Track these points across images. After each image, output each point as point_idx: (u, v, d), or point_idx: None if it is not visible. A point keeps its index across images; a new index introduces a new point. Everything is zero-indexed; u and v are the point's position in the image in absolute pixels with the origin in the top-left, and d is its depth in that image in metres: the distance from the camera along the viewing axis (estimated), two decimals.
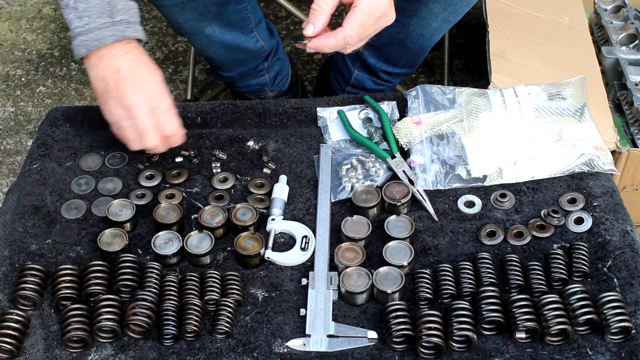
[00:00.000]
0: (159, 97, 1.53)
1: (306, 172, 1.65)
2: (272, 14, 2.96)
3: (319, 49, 1.46)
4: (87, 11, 1.48)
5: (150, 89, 1.52)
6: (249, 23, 1.94)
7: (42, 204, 1.58)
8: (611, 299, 1.33)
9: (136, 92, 1.50)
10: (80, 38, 1.49)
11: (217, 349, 1.34)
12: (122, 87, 1.50)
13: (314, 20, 1.45)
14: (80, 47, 1.50)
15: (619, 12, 2.29)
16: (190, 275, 1.42)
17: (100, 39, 1.49)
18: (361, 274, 1.41)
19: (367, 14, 1.44)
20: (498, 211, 1.56)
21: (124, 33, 1.50)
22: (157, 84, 1.54)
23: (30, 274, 1.41)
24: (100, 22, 1.49)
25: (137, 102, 1.50)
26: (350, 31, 1.44)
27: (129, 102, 1.50)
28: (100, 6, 1.48)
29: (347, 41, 1.45)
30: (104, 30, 1.49)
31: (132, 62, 1.51)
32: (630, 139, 1.98)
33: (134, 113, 1.50)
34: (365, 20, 1.44)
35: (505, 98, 1.67)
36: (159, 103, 1.52)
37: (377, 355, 1.32)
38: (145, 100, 1.51)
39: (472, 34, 2.80)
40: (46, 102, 2.67)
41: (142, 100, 1.50)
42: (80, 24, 1.49)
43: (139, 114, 1.50)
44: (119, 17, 1.50)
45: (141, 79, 1.52)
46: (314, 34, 1.45)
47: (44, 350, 1.34)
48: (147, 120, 1.51)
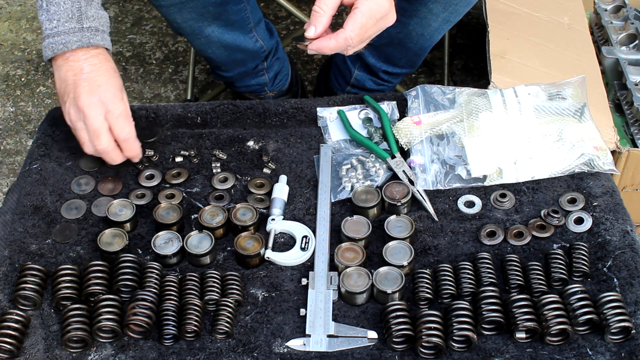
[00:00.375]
0: (113, 101, 1.53)
1: (306, 172, 1.65)
2: (272, 14, 2.96)
3: (320, 50, 1.46)
4: (57, 14, 1.51)
5: (105, 93, 1.52)
6: (248, 23, 1.94)
7: (42, 204, 1.58)
8: (611, 299, 1.33)
9: (91, 94, 1.51)
10: (48, 40, 1.53)
11: (217, 349, 1.34)
12: (79, 89, 1.51)
13: (315, 21, 1.45)
14: (47, 49, 1.53)
15: (619, 12, 2.29)
16: (190, 275, 1.42)
17: (65, 43, 1.52)
18: (361, 274, 1.41)
19: (368, 15, 1.44)
20: (498, 211, 1.56)
21: (90, 40, 1.53)
22: (113, 88, 1.54)
23: (30, 274, 1.41)
24: (68, 27, 1.52)
25: (90, 104, 1.51)
26: (351, 33, 1.43)
27: (82, 103, 1.51)
28: (69, 11, 1.52)
29: (347, 43, 1.44)
30: (70, 34, 1.52)
31: (93, 65, 1.54)
32: (630, 139, 1.98)
33: (87, 114, 1.51)
34: (366, 21, 1.44)
35: (505, 98, 1.67)
36: (113, 107, 1.53)
37: (377, 355, 1.32)
38: (98, 102, 1.51)
39: (472, 34, 2.80)
40: (46, 102, 2.67)
41: (96, 102, 1.51)
42: (50, 27, 1.52)
43: (91, 116, 1.51)
44: (87, 23, 1.53)
45: (99, 82, 1.53)
46: (316, 36, 1.45)
47: (44, 350, 1.34)
48: (99, 122, 1.51)
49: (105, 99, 1.52)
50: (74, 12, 1.52)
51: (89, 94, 1.51)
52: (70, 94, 1.53)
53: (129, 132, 1.55)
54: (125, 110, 1.55)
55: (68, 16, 1.52)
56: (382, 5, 1.45)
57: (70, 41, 1.52)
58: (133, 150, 1.57)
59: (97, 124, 1.51)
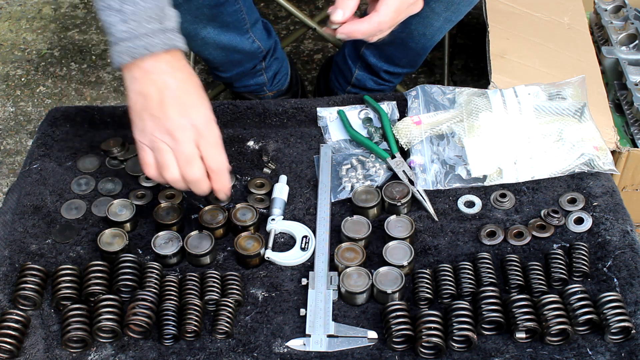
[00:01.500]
0: (207, 126, 1.38)
1: (306, 172, 1.65)
2: (272, 14, 2.96)
3: (351, 34, 1.40)
4: (135, 14, 1.33)
5: (198, 116, 1.37)
6: (244, 24, 1.94)
7: (42, 204, 1.58)
8: (611, 299, 1.33)
9: (182, 116, 1.35)
10: (125, 44, 1.34)
11: (217, 349, 1.34)
12: (166, 108, 1.35)
13: (343, 5, 1.38)
14: (124, 54, 1.34)
15: (619, 12, 2.29)
16: (190, 275, 1.42)
17: (147, 46, 1.34)
18: (361, 274, 1.41)
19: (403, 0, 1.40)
20: (498, 211, 1.56)
21: (173, 42, 1.36)
22: (205, 110, 1.39)
23: (30, 274, 1.41)
24: (149, 28, 1.33)
25: (181, 127, 1.35)
26: (384, 17, 1.39)
27: (172, 126, 1.35)
28: (150, 10, 1.34)
29: (380, 27, 1.39)
30: (152, 37, 1.34)
31: (180, 81, 1.37)
32: (630, 139, 1.98)
33: (178, 138, 1.35)
34: (399, 5, 1.40)
35: (505, 98, 1.67)
36: (207, 133, 1.37)
37: (377, 355, 1.32)
38: (190, 126, 1.36)
39: (472, 34, 2.80)
40: (46, 102, 2.67)
41: (188, 126, 1.36)
42: (125, 29, 1.33)
43: (183, 141, 1.35)
44: (168, 23, 1.36)
45: (189, 102, 1.37)
46: (344, 20, 1.39)
47: (44, 350, 1.34)
48: (191, 149, 1.36)
49: (198, 123, 1.36)
50: (155, 11, 1.34)
51: (180, 115, 1.35)
52: (153, 111, 1.36)
53: (222, 162, 1.40)
54: (218, 137, 1.40)
55: (149, 16, 1.33)
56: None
57: (153, 44, 1.34)
58: (223, 183, 1.42)
59: (189, 151, 1.36)
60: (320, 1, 3.01)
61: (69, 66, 2.80)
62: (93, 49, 2.87)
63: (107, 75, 2.76)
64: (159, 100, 1.36)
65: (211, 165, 1.39)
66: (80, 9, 3.05)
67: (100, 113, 1.76)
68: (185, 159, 1.37)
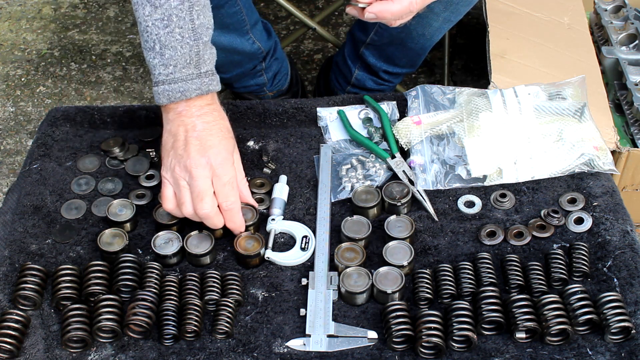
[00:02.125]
0: (223, 166, 1.42)
1: (306, 172, 1.65)
2: (272, 14, 2.96)
3: (380, 15, 1.38)
4: (173, 59, 1.38)
5: (216, 156, 1.42)
6: (244, 25, 1.94)
7: (42, 204, 1.58)
8: (611, 299, 1.33)
9: (201, 154, 1.41)
10: (163, 87, 1.40)
11: (217, 349, 1.34)
12: (189, 147, 1.41)
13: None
14: (162, 96, 1.41)
15: (619, 12, 2.29)
16: (190, 275, 1.42)
17: (184, 91, 1.40)
18: (361, 274, 1.41)
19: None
20: (498, 211, 1.56)
21: (208, 86, 1.42)
22: (224, 151, 1.43)
23: (30, 274, 1.41)
24: (186, 73, 1.40)
25: (198, 164, 1.40)
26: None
27: (191, 164, 1.40)
28: (187, 56, 1.39)
29: (410, 7, 1.36)
30: (188, 82, 1.40)
31: (207, 123, 1.43)
32: (630, 139, 1.98)
33: (193, 175, 1.40)
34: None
35: (505, 98, 1.67)
36: (221, 173, 1.42)
37: (377, 355, 1.32)
38: (207, 164, 1.41)
39: (472, 34, 2.80)
40: (46, 102, 2.67)
41: (204, 164, 1.41)
42: (165, 72, 1.39)
43: (198, 177, 1.40)
44: (204, 68, 1.42)
45: (210, 142, 1.42)
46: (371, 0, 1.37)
47: (44, 350, 1.34)
48: (205, 185, 1.41)
49: (215, 163, 1.41)
50: (192, 56, 1.39)
51: (199, 154, 1.40)
52: (178, 150, 1.42)
53: (233, 202, 1.44)
54: (232, 178, 1.44)
55: (186, 61, 1.39)
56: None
57: (189, 89, 1.40)
58: (235, 222, 1.46)
59: (203, 187, 1.40)
60: (321, 1, 3.01)
61: (69, 66, 2.80)
62: (93, 49, 2.87)
63: (107, 75, 2.76)
64: (184, 140, 1.42)
65: (222, 203, 1.43)
66: (80, 9, 3.05)
67: (100, 113, 1.76)
68: (197, 195, 1.41)
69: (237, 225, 1.47)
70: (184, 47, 1.38)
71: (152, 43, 1.39)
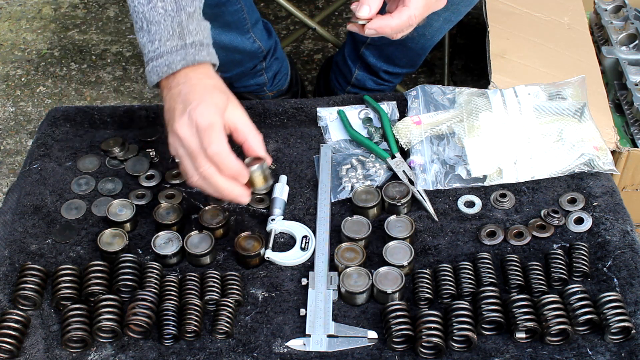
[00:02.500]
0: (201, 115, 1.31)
1: (306, 172, 1.65)
2: (272, 14, 2.96)
3: (380, 30, 1.37)
4: (157, 34, 1.36)
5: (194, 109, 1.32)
6: (245, 24, 1.94)
7: (42, 204, 1.58)
8: (611, 299, 1.33)
9: (182, 114, 1.32)
10: (152, 64, 1.37)
11: (217, 349, 1.34)
12: (175, 112, 1.34)
13: (369, 0, 1.34)
14: (152, 73, 1.38)
15: (619, 12, 2.29)
16: (190, 275, 1.42)
17: (169, 63, 1.36)
18: (361, 274, 1.41)
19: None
20: (498, 211, 1.56)
21: (195, 56, 1.37)
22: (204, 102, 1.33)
23: (30, 274, 1.41)
24: (170, 46, 1.36)
25: (182, 124, 1.32)
26: (415, 11, 1.35)
27: (176, 126, 1.33)
28: (170, 27, 1.36)
29: (410, 21, 1.36)
30: (173, 54, 1.36)
31: (190, 86, 1.35)
32: (630, 139, 1.98)
33: (181, 136, 1.32)
34: (428, 3, 1.36)
35: (505, 98, 1.67)
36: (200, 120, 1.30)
37: (377, 355, 1.32)
38: (188, 120, 1.32)
39: (472, 34, 2.80)
40: (46, 102, 2.67)
41: (186, 121, 1.32)
42: (152, 48, 1.37)
43: (185, 137, 1.32)
44: (190, 38, 1.37)
45: (191, 99, 1.33)
46: (370, 16, 1.36)
47: (44, 350, 1.34)
48: (195, 143, 1.31)
49: (193, 115, 1.31)
50: (175, 27, 1.35)
51: (180, 115, 1.32)
52: (170, 122, 1.36)
53: (217, 145, 1.30)
54: (213, 123, 1.31)
55: (169, 34, 1.36)
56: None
57: (174, 61, 1.36)
58: (228, 168, 1.32)
59: (192, 146, 1.31)
60: (321, 1, 3.01)
61: (69, 66, 2.80)
62: (93, 49, 2.87)
63: (107, 75, 2.76)
64: (172, 110, 1.35)
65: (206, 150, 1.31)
66: (80, 9, 3.05)
67: (100, 113, 1.76)
68: (191, 156, 1.33)
69: (233, 172, 1.34)
70: (166, 19, 1.36)
71: (140, 23, 1.37)
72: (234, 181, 1.35)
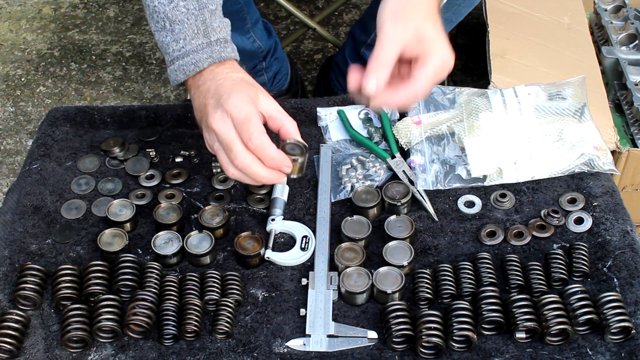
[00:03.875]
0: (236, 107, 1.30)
1: (306, 172, 1.65)
2: (272, 14, 2.96)
3: (387, 105, 1.36)
4: (182, 32, 1.38)
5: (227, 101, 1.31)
6: (245, 24, 1.94)
7: (42, 204, 1.58)
8: (611, 299, 1.33)
9: (216, 108, 1.32)
10: (178, 63, 1.39)
11: (217, 349, 1.34)
12: (207, 108, 1.34)
13: (377, 72, 1.31)
14: (178, 72, 1.40)
15: (619, 12, 2.29)
16: (190, 275, 1.42)
17: (196, 62, 1.38)
18: (361, 274, 1.41)
19: (439, 71, 1.34)
20: (498, 211, 1.56)
21: (220, 53, 1.39)
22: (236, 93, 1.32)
23: (30, 274, 1.41)
24: (195, 44, 1.38)
25: (217, 118, 1.31)
26: (421, 89, 1.34)
27: (210, 121, 1.32)
28: (194, 26, 1.38)
29: (417, 98, 1.34)
30: (199, 52, 1.38)
31: (218, 81, 1.36)
32: (630, 139, 1.98)
33: (216, 130, 1.31)
34: (434, 78, 1.34)
35: (505, 98, 1.67)
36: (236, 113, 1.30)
37: (377, 355, 1.32)
38: (223, 113, 1.31)
39: (472, 34, 2.80)
40: (46, 102, 2.67)
41: (221, 115, 1.31)
42: (177, 47, 1.38)
43: (221, 130, 1.31)
44: (215, 36, 1.39)
45: (222, 93, 1.33)
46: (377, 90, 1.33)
47: (44, 350, 1.34)
48: (231, 134, 1.30)
49: (227, 107, 1.30)
50: (199, 26, 1.38)
51: (214, 109, 1.32)
52: (202, 117, 1.36)
53: (257, 137, 1.29)
54: (249, 114, 1.29)
55: (194, 32, 1.38)
56: (447, 59, 1.35)
57: (201, 59, 1.38)
58: (271, 158, 1.31)
59: (228, 137, 1.30)
60: (321, 1, 3.01)
61: (69, 66, 2.80)
62: (93, 49, 2.87)
63: (107, 75, 2.76)
64: (204, 106, 1.36)
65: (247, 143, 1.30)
66: (80, 9, 3.05)
67: (100, 113, 1.76)
68: (226, 148, 1.32)
69: (277, 162, 1.32)
70: (190, 18, 1.37)
71: (162, 22, 1.39)
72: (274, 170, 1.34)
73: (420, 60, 1.34)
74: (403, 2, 1.34)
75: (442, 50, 1.34)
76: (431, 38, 1.33)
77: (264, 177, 1.33)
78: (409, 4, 1.33)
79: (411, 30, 1.32)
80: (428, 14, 1.34)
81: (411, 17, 1.32)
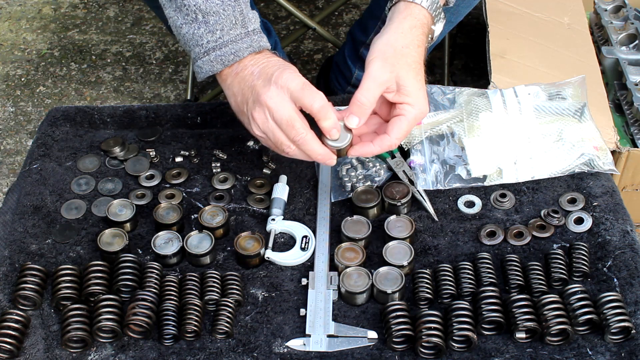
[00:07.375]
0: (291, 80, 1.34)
1: (306, 172, 1.65)
2: (272, 14, 2.96)
3: (362, 154, 1.42)
4: (218, 23, 1.39)
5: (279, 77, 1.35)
6: None
7: (42, 204, 1.58)
8: (611, 299, 1.33)
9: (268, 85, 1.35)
10: (215, 53, 1.40)
11: (217, 349, 1.34)
12: (256, 88, 1.37)
13: (359, 112, 1.38)
14: (215, 62, 1.41)
15: (619, 12, 2.29)
16: (190, 275, 1.42)
17: (236, 52, 1.40)
18: (361, 274, 1.41)
19: (413, 122, 1.40)
20: (498, 211, 1.56)
21: (259, 43, 1.42)
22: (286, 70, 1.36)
23: (30, 274, 1.41)
24: (234, 34, 1.40)
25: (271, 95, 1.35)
26: (395, 140, 1.40)
27: (264, 98, 1.35)
28: (232, 17, 1.39)
29: (391, 148, 1.41)
30: (239, 42, 1.40)
31: (262, 64, 1.40)
32: (630, 139, 1.98)
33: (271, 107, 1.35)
34: (409, 128, 1.41)
35: (505, 98, 1.67)
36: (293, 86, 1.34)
37: (377, 355, 1.32)
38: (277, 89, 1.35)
39: (472, 34, 2.80)
40: (46, 102, 2.67)
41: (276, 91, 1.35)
42: (213, 38, 1.39)
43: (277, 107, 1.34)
44: (251, 26, 1.42)
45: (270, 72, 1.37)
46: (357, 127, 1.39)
47: (44, 350, 1.34)
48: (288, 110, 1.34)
49: (282, 83, 1.34)
50: (237, 16, 1.39)
51: (265, 87, 1.35)
52: (249, 99, 1.38)
53: (321, 98, 1.34)
54: (305, 83, 1.35)
55: (232, 23, 1.39)
56: (424, 111, 1.41)
57: (241, 49, 1.39)
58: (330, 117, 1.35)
59: (287, 113, 1.34)
60: (321, 1, 3.01)
61: (69, 66, 2.80)
62: (93, 49, 2.87)
63: (107, 75, 2.76)
64: (250, 87, 1.39)
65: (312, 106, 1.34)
66: (80, 9, 3.05)
67: (100, 113, 1.76)
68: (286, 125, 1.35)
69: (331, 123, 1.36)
70: (226, 9, 1.39)
71: (193, 15, 1.39)
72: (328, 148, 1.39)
73: (398, 110, 1.40)
74: (394, 47, 1.39)
75: (419, 104, 1.40)
76: (411, 91, 1.38)
77: (320, 155, 1.38)
78: (399, 52, 1.39)
79: (394, 77, 1.38)
80: (413, 64, 1.39)
81: (397, 65, 1.37)
